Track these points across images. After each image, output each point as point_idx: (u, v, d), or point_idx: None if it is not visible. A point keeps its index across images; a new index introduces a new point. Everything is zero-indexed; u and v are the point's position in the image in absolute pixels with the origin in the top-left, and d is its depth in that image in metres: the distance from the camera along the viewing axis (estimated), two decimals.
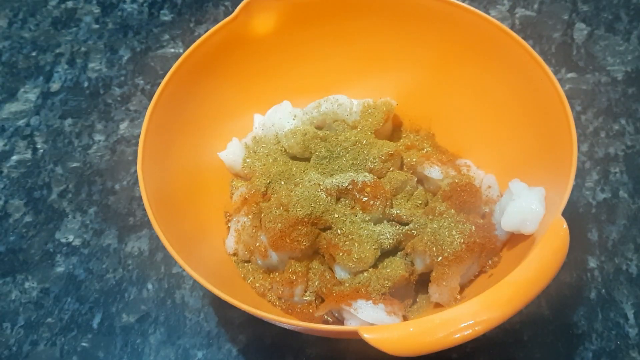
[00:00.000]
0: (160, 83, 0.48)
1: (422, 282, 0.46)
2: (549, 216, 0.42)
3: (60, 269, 0.55)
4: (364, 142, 0.50)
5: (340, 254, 0.44)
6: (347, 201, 0.47)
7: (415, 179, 0.50)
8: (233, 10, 0.51)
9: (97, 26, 0.72)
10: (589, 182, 0.57)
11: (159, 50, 0.69)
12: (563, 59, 0.65)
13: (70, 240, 0.56)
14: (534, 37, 0.66)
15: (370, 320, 0.42)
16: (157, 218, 0.42)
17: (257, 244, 0.47)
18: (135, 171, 0.46)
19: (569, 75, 0.63)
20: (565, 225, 0.38)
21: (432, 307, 0.46)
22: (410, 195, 0.49)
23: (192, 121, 0.51)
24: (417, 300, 0.47)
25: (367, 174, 0.48)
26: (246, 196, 0.50)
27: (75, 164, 0.61)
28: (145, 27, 0.71)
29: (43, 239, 0.56)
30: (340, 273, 0.45)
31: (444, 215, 0.46)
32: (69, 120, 0.64)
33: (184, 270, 0.41)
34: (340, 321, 0.45)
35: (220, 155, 0.53)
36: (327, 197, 0.46)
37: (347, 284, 0.45)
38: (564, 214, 0.39)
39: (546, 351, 0.48)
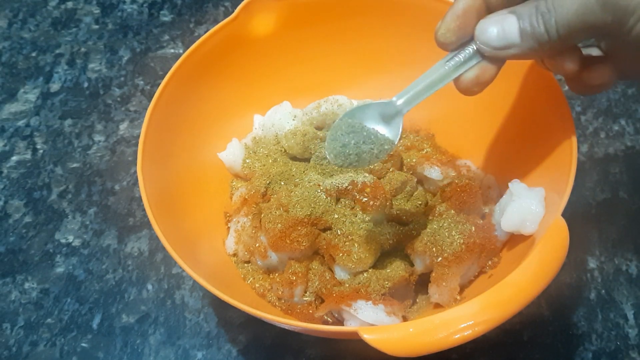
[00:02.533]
0: (160, 83, 0.48)
1: (422, 283, 0.46)
2: (549, 216, 0.42)
3: (60, 270, 0.55)
4: None
5: (340, 255, 0.44)
6: (346, 202, 0.47)
7: (415, 180, 0.50)
8: (233, 11, 0.51)
9: (97, 27, 0.72)
10: (589, 182, 0.57)
11: (159, 50, 0.69)
12: None
13: (70, 240, 0.56)
14: None
15: (370, 320, 0.42)
16: (157, 218, 0.42)
17: (257, 245, 0.47)
18: (135, 172, 0.46)
19: None
20: (565, 225, 0.38)
21: (432, 308, 0.46)
22: (410, 195, 0.49)
23: (192, 121, 0.51)
24: (417, 300, 0.47)
25: (366, 174, 0.48)
26: (246, 197, 0.50)
27: (75, 165, 0.61)
28: (145, 27, 0.71)
29: (43, 240, 0.56)
30: (340, 273, 0.45)
31: (444, 216, 0.46)
32: (68, 121, 0.64)
33: (183, 270, 0.41)
34: (340, 322, 0.45)
35: (220, 156, 0.53)
36: (326, 197, 0.46)
37: (347, 285, 0.45)
38: (564, 214, 0.39)
39: (546, 352, 0.48)
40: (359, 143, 0.40)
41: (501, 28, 0.36)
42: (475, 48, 0.38)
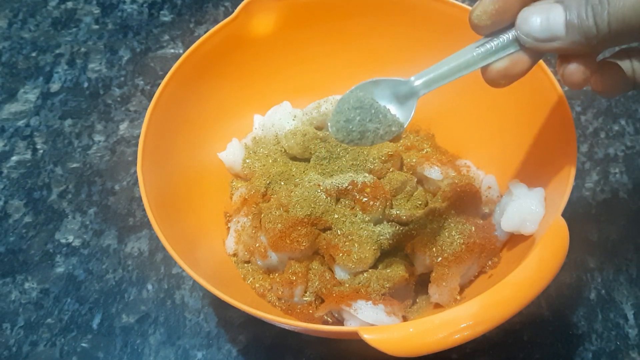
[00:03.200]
0: (160, 83, 0.48)
1: (422, 283, 0.46)
2: (549, 217, 0.42)
3: (60, 270, 0.55)
4: None
5: (340, 255, 0.44)
6: (346, 202, 0.47)
7: (415, 180, 0.50)
8: (233, 11, 0.51)
9: (97, 27, 0.72)
10: (589, 182, 0.57)
11: (159, 50, 0.69)
12: None
13: (70, 240, 0.56)
14: None
15: (370, 320, 0.42)
16: (157, 218, 0.42)
17: (257, 245, 0.47)
18: (135, 172, 0.46)
19: None
20: (565, 225, 0.39)
21: (432, 308, 0.46)
22: (410, 195, 0.49)
23: (192, 121, 0.51)
24: (417, 300, 0.47)
25: (366, 174, 0.48)
26: (246, 197, 0.50)
27: (75, 165, 0.61)
28: (145, 27, 0.71)
29: (43, 240, 0.56)
30: (340, 273, 0.45)
31: (444, 216, 0.46)
32: (68, 121, 0.64)
33: (183, 270, 0.41)
34: (340, 322, 0.45)
35: (220, 156, 0.53)
36: (326, 197, 0.46)
37: (347, 285, 0.45)
38: (564, 215, 0.39)
39: (546, 352, 0.48)
40: (365, 120, 0.37)
41: (545, 18, 0.33)
42: (511, 37, 0.35)
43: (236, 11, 0.50)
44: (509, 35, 0.35)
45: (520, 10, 0.35)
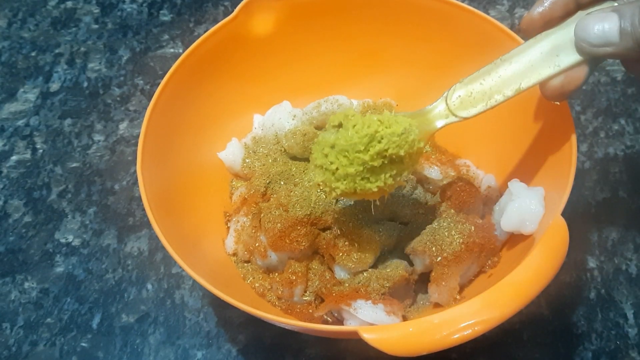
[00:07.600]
0: (159, 83, 0.48)
1: (421, 282, 0.46)
2: (549, 216, 0.42)
3: (59, 269, 0.55)
4: None
5: (340, 254, 0.44)
6: (346, 201, 0.47)
7: (415, 179, 0.50)
8: (233, 10, 0.51)
9: (96, 26, 0.72)
10: (589, 182, 0.57)
11: (159, 50, 0.69)
12: None
13: (70, 240, 0.56)
14: None
15: (369, 320, 0.42)
16: (157, 218, 0.42)
17: (257, 244, 0.47)
18: (135, 171, 0.46)
19: None
20: (564, 225, 0.38)
21: (432, 307, 0.46)
22: (410, 195, 0.49)
23: (192, 121, 0.51)
24: (417, 300, 0.47)
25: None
26: (246, 196, 0.50)
27: (74, 164, 0.61)
28: (144, 27, 0.71)
29: (42, 239, 0.56)
30: (340, 273, 0.45)
31: (444, 216, 0.46)
32: (68, 121, 0.64)
33: (183, 270, 0.41)
34: (339, 321, 0.45)
35: (219, 156, 0.53)
36: (326, 197, 0.46)
37: (347, 284, 0.45)
38: (563, 214, 0.39)
39: (546, 351, 0.48)
40: None
41: (601, 26, 0.36)
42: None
43: (236, 11, 0.50)
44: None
45: (579, 19, 0.38)
